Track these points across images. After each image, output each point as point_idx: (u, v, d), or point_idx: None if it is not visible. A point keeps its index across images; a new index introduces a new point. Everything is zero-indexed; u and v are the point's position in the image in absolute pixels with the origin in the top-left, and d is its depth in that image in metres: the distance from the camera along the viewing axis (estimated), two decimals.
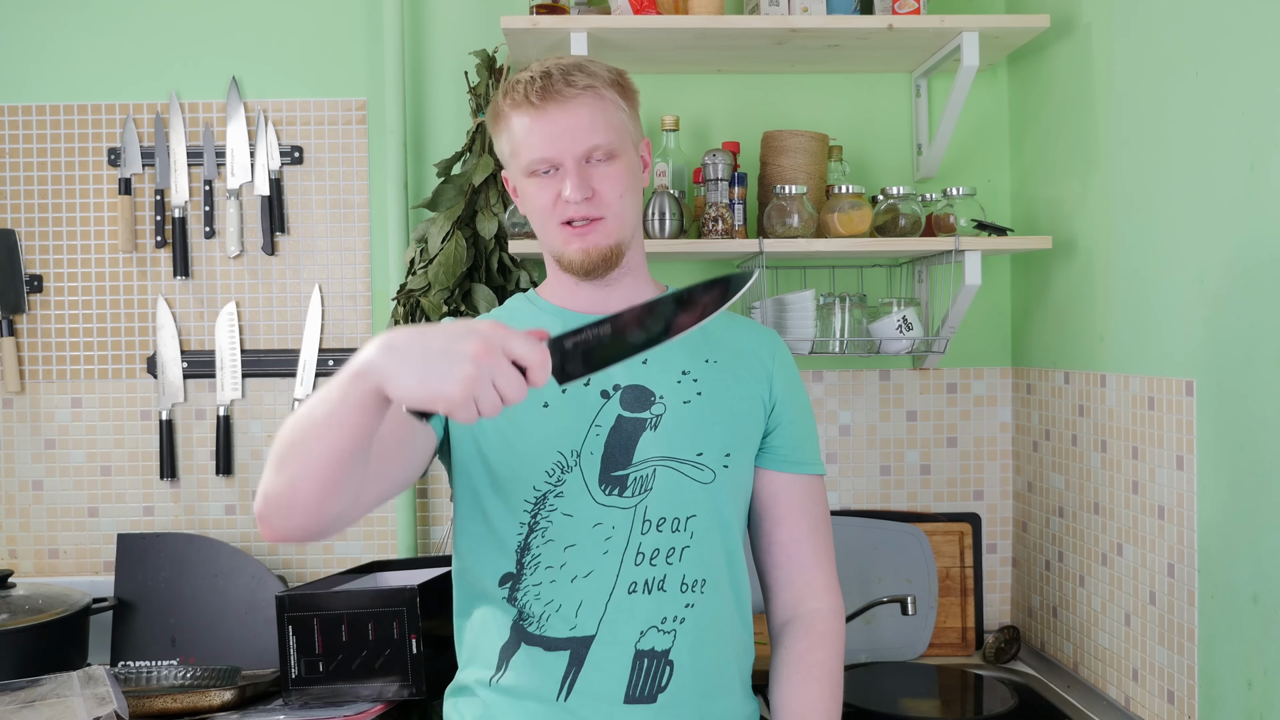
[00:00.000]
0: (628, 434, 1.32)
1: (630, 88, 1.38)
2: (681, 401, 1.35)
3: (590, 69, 1.33)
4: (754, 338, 1.45)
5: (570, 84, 1.30)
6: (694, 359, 1.38)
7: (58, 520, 2.22)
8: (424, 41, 2.25)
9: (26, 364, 2.22)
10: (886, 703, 1.89)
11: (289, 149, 2.23)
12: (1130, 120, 1.76)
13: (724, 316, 1.42)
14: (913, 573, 2.13)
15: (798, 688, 1.35)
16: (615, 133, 1.33)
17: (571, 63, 1.33)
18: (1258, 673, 1.44)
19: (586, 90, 1.31)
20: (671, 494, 1.32)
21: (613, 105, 1.33)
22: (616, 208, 1.33)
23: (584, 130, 1.30)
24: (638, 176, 1.37)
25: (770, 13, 2.00)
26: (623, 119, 1.35)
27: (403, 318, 2.05)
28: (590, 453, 1.32)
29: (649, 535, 1.31)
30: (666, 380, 1.36)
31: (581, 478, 1.31)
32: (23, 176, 2.21)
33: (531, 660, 1.30)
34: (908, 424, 2.27)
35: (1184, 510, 1.61)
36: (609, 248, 1.34)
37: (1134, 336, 1.77)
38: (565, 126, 1.30)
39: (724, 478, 1.35)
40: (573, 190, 1.30)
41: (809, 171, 2.09)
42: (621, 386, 1.34)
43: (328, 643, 1.73)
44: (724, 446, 1.35)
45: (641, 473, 1.32)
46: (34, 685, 1.66)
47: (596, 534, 1.30)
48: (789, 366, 1.45)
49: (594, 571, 1.29)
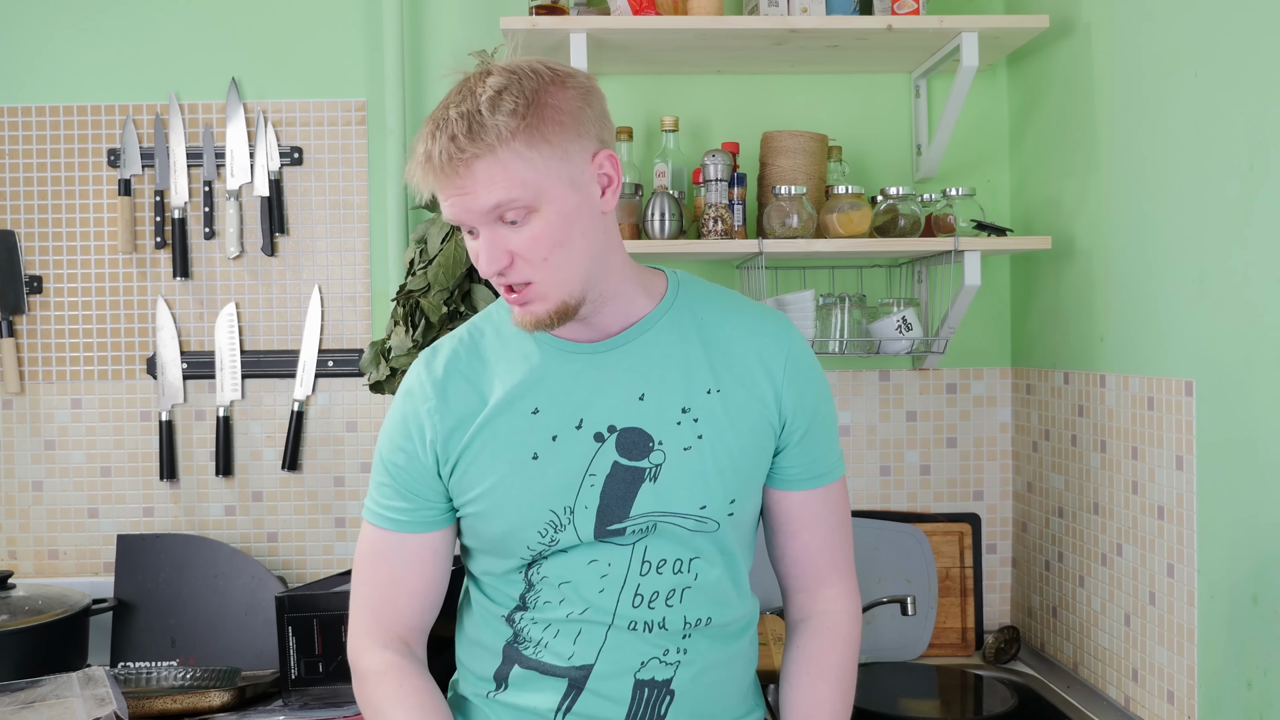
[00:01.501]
0: (625, 484, 1.23)
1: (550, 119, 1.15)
2: (681, 449, 1.24)
3: (483, 125, 1.12)
4: (763, 340, 1.30)
5: (455, 155, 1.13)
6: (694, 389, 1.26)
7: (58, 521, 2.22)
8: (424, 42, 2.25)
9: (26, 365, 2.22)
10: (886, 703, 1.89)
11: (289, 150, 2.23)
12: (1130, 120, 1.76)
13: (730, 310, 1.32)
14: (913, 573, 2.13)
15: (809, 688, 1.33)
16: (524, 189, 1.13)
17: (463, 116, 1.13)
18: (1258, 673, 1.44)
19: (474, 160, 1.13)
20: (672, 540, 1.25)
21: (514, 159, 1.13)
22: (543, 270, 1.17)
23: (480, 194, 1.14)
24: (582, 215, 1.18)
25: (770, 13, 2.00)
26: (532, 168, 1.14)
27: (402, 318, 2.05)
28: (585, 507, 1.23)
29: (648, 577, 1.25)
30: (665, 421, 1.24)
31: (575, 534, 1.24)
32: (23, 177, 2.22)
33: (531, 681, 1.28)
34: (907, 424, 2.27)
35: (1184, 510, 1.61)
36: (549, 314, 1.20)
37: (1133, 337, 1.77)
38: (459, 195, 1.15)
39: (728, 525, 1.27)
40: (485, 262, 1.17)
41: (808, 172, 2.09)
42: (617, 429, 1.24)
43: (327, 643, 1.73)
44: (728, 494, 1.26)
45: (639, 525, 1.24)
46: (34, 686, 1.66)
47: (592, 571, 1.25)
48: (801, 370, 1.30)
49: (590, 608, 1.25)
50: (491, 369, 1.28)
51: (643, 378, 1.25)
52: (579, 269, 1.19)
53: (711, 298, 1.33)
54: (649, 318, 1.28)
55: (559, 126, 1.16)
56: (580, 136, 1.18)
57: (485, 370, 1.28)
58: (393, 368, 1.98)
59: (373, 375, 2.03)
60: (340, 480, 2.24)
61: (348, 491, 2.24)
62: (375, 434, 2.22)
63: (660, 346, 1.27)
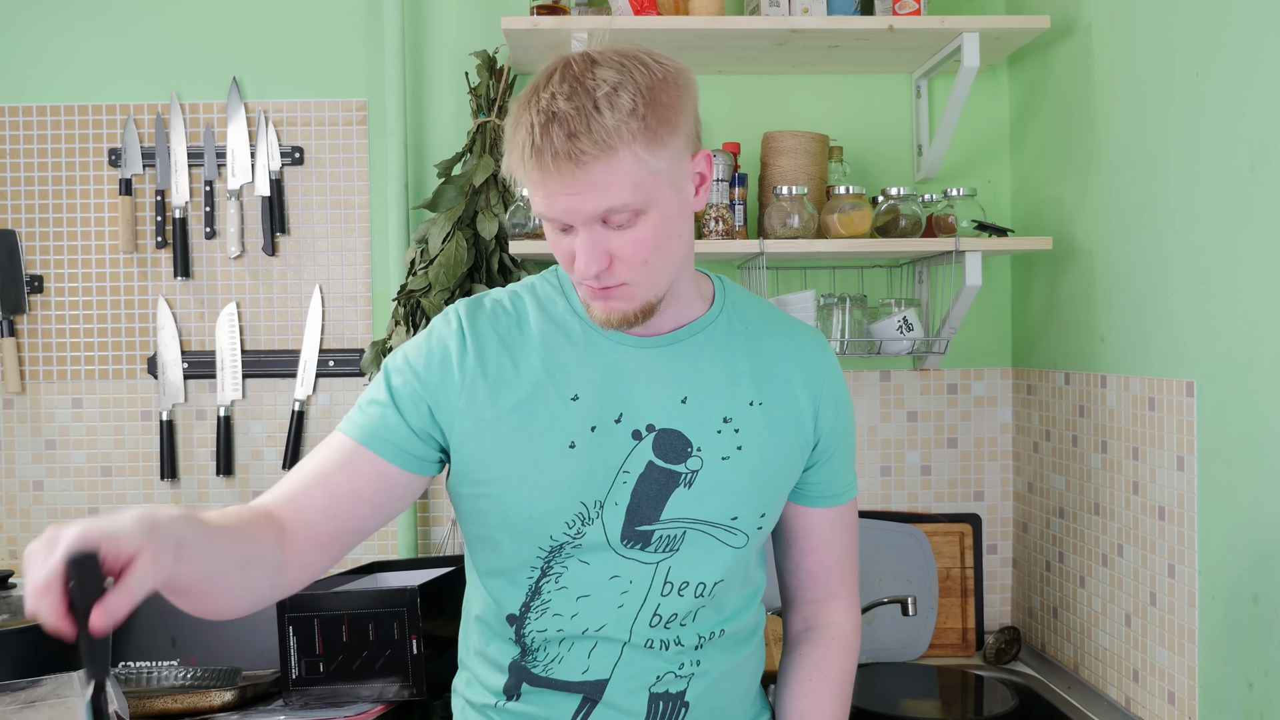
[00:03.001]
0: (658, 486, 1.20)
1: (667, 118, 1.10)
2: (720, 458, 1.21)
3: (603, 125, 1.05)
4: (803, 354, 1.29)
5: (573, 155, 1.05)
6: (738, 400, 1.23)
7: (58, 521, 2.21)
8: (424, 42, 2.25)
9: (27, 364, 2.22)
10: (886, 703, 1.89)
11: (289, 149, 2.23)
12: (1131, 121, 1.76)
13: (774, 323, 1.30)
14: (913, 573, 2.13)
15: (810, 695, 1.34)
16: (639, 192, 1.08)
17: (580, 112, 1.05)
18: (1258, 673, 1.44)
19: (594, 161, 1.06)
20: (699, 559, 1.22)
21: (633, 161, 1.07)
22: (641, 273, 1.13)
23: (595, 198, 1.08)
24: (680, 217, 1.15)
25: (771, 13, 2.00)
26: (649, 169, 1.08)
27: (403, 318, 2.05)
28: (615, 503, 1.19)
29: (669, 598, 1.22)
30: (706, 428, 1.22)
31: (603, 530, 1.19)
32: (23, 177, 2.22)
33: (542, 696, 1.25)
34: (908, 424, 2.27)
35: (1184, 511, 1.61)
36: (633, 312, 1.16)
37: (1134, 337, 1.77)
38: (571, 195, 1.08)
39: (757, 538, 1.26)
40: (583, 264, 1.11)
41: (809, 172, 2.09)
42: (656, 429, 1.20)
43: (328, 643, 1.73)
44: (760, 508, 1.25)
45: (669, 531, 1.21)
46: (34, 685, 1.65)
47: (613, 586, 1.21)
48: (838, 391, 1.30)
49: (606, 625, 1.22)
50: (532, 342, 1.22)
51: (687, 381, 1.23)
52: (673, 271, 1.17)
53: (757, 307, 1.32)
54: (700, 320, 1.26)
55: (672, 128, 1.11)
56: (684, 135, 1.14)
57: (525, 342, 1.22)
58: None
59: (373, 375, 2.03)
60: None
61: None
62: None
63: (709, 352, 1.25)
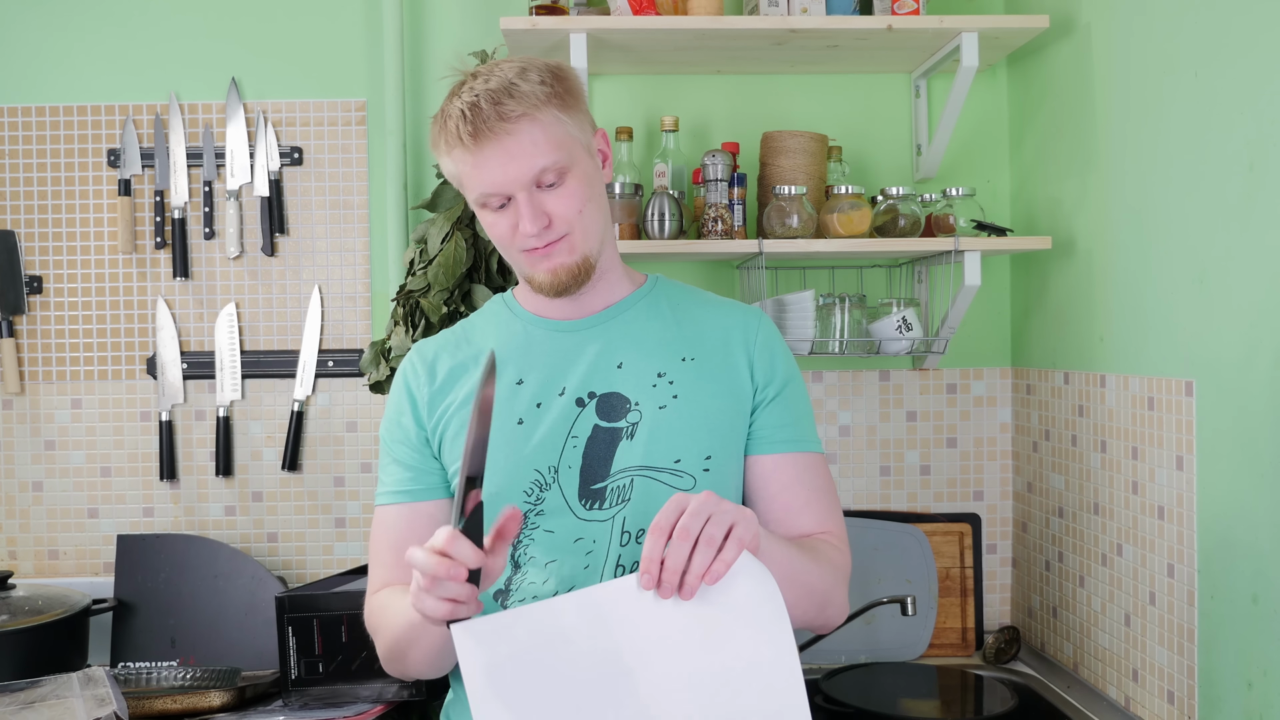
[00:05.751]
0: (605, 445, 1.30)
1: (571, 89, 1.29)
2: (657, 407, 1.31)
3: (521, 91, 1.24)
4: (733, 319, 1.39)
5: (503, 117, 1.23)
6: (670, 358, 1.34)
7: (58, 521, 2.22)
8: (424, 42, 2.25)
9: (26, 365, 2.22)
10: (886, 703, 1.89)
11: (289, 150, 2.23)
12: (1130, 120, 1.76)
13: (704, 301, 1.42)
14: (913, 573, 2.13)
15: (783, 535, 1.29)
16: (561, 150, 1.25)
17: (500, 86, 1.24)
18: (1258, 673, 1.44)
19: (521, 118, 1.23)
20: (649, 504, 1.28)
21: (553, 122, 1.25)
22: (577, 224, 1.28)
23: (526, 158, 1.24)
24: (596, 180, 1.31)
25: (769, 13, 2.00)
26: (566, 131, 1.27)
27: (402, 318, 2.05)
28: (569, 466, 1.30)
29: (629, 547, 1.28)
30: (641, 385, 1.32)
31: (561, 494, 1.29)
32: (23, 177, 2.22)
33: None
34: (907, 424, 2.27)
35: (1184, 510, 1.61)
36: (575, 265, 1.30)
37: (1133, 337, 1.77)
38: (506, 160, 1.24)
39: (705, 481, 1.31)
40: (527, 223, 1.25)
41: (808, 172, 2.09)
42: (597, 394, 1.32)
43: (327, 643, 1.73)
44: (703, 450, 1.31)
45: (619, 483, 1.29)
46: (34, 686, 1.66)
47: (578, 549, 1.29)
48: (771, 345, 1.38)
49: (576, 586, 1.27)
50: (478, 347, 1.39)
51: (621, 349, 1.35)
52: (598, 227, 1.32)
53: (690, 291, 1.45)
54: (629, 299, 1.39)
55: (577, 98, 1.30)
56: (586, 112, 1.32)
57: (471, 349, 1.39)
58: (393, 368, 1.98)
59: (373, 375, 2.03)
60: (340, 480, 2.24)
61: (348, 492, 2.24)
62: (375, 434, 2.22)
63: (639, 323, 1.37)
